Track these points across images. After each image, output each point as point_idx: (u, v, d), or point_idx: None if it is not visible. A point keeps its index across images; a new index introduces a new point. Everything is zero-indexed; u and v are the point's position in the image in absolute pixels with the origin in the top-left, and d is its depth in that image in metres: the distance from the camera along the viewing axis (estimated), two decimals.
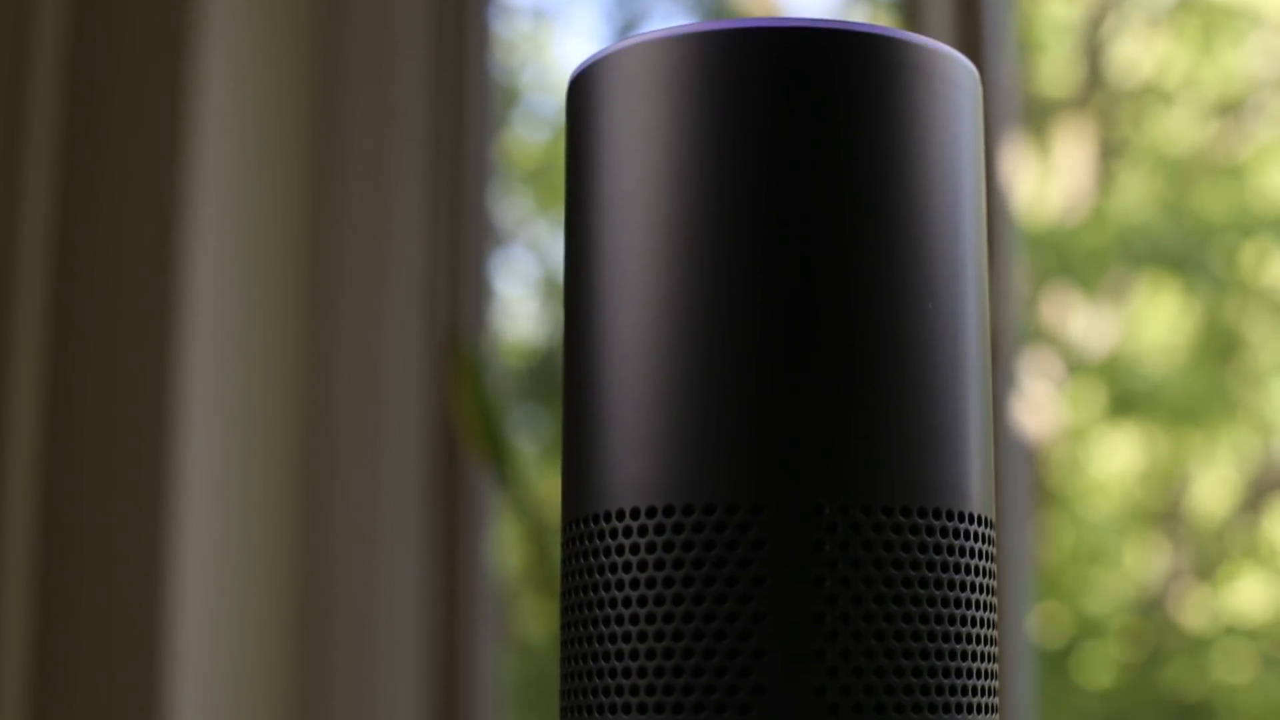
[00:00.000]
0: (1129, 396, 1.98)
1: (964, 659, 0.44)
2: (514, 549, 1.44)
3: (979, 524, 0.45)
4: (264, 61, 1.35)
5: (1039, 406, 1.83)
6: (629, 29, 1.79)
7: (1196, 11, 1.98)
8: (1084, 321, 1.98)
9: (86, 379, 1.27)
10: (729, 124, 0.44)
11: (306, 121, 1.39)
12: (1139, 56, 1.99)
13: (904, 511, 0.43)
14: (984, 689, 0.44)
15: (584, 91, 0.47)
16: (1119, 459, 1.96)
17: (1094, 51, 2.03)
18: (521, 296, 1.69)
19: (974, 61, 0.48)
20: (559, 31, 1.81)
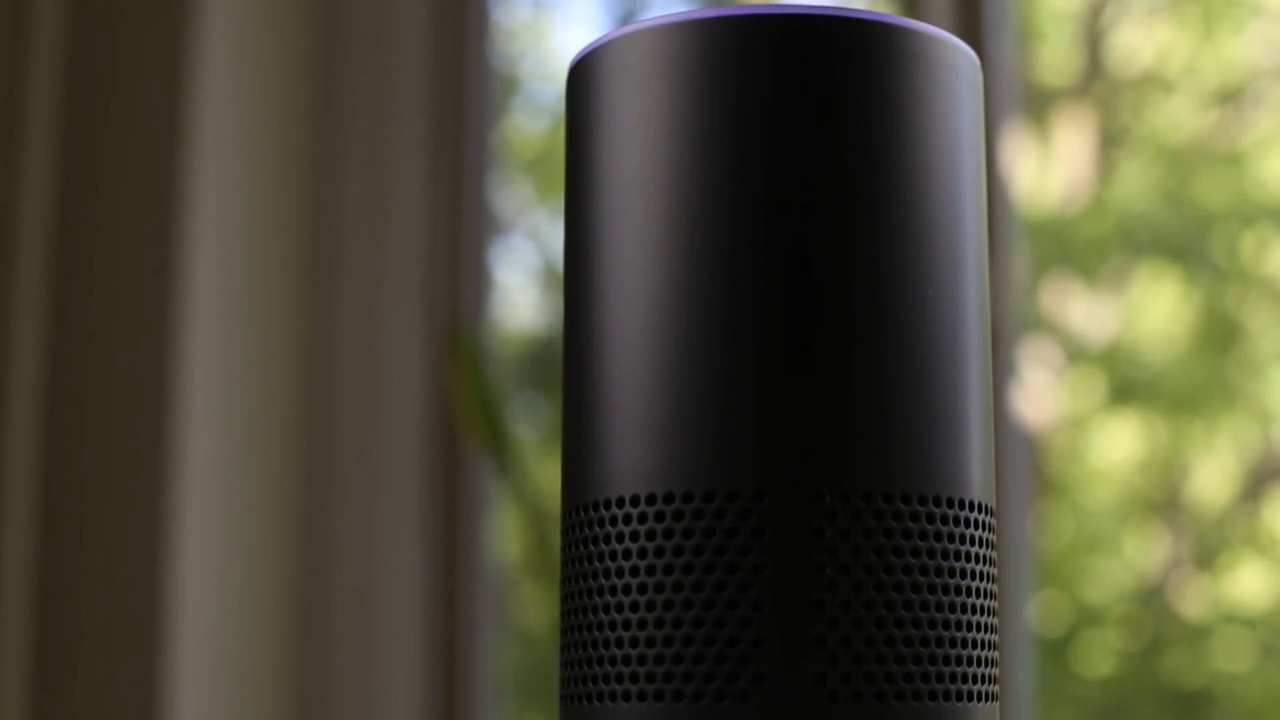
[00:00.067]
0: (1129, 385, 1.98)
1: (964, 646, 0.44)
2: (514, 537, 1.44)
3: (979, 511, 0.45)
4: (263, 50, 1.35)
5: (1039, 395, 1.83)
6: (628, 16, 1.79)
7: (1197, 0, 1.98)
8: (1084, 310, 1.98)
9: (86, 367, 1.27)
10: (729, 111, 0.44)
11: (306, 111, 1.39)
12: (1139, 45, 1.99)
13: (904, 499, 0.43)
14: (984, 676, 0.44)
15: (583, 79, 0.47)
16: (1119, 448, 1.96)
17: (1094, 40, 2.02)
18: (521, 285, 1.69)
19: (974, 49, 0.48)
20: (559, 20, 1.81)
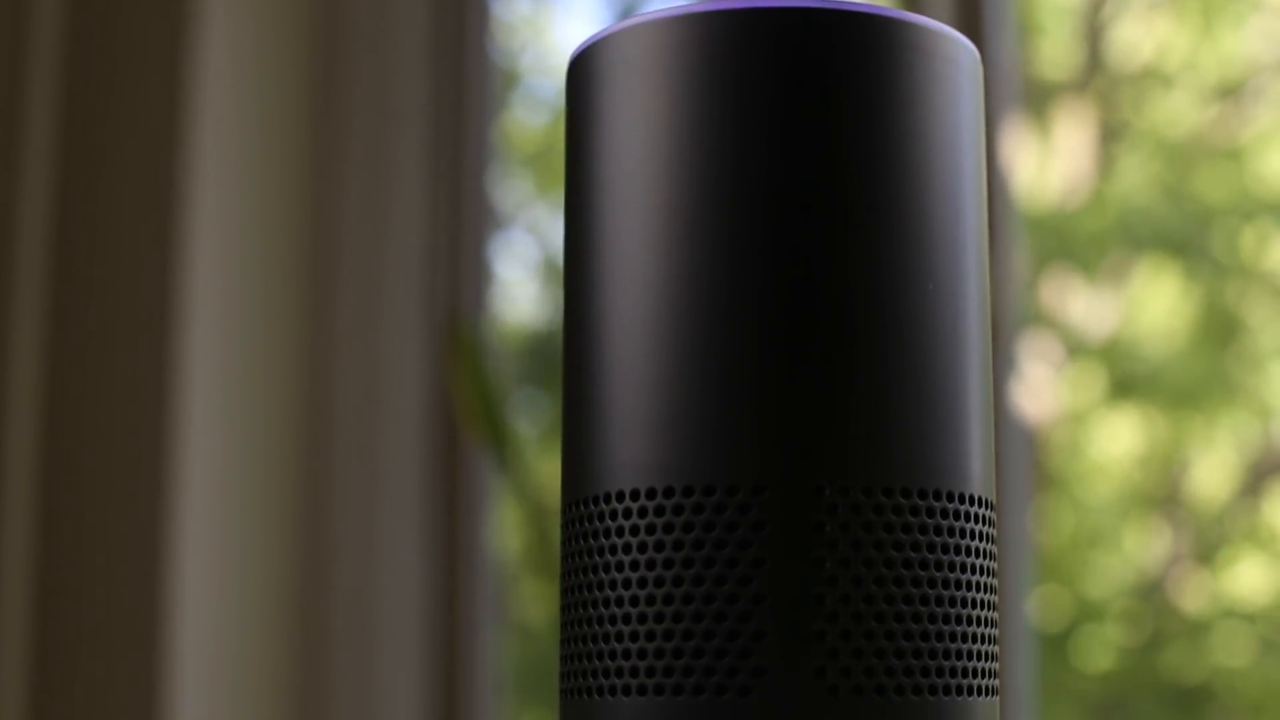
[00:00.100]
0: (1129, 380, 1.97)
1: (964, 640, 0.44)
2: (514, 532, 1.44)
3: (979, 505, 0.45)
4: (263, 46, 1.35)
5: (1039, 390, 1.83)
6: (628, 10, 1.79)
7: None
8: (1084, 305, 1.98)
9: (85, 362, 1.27)
10: (729, 105, 0.44)
11: (305, 105, 1.39)
12: (1139, 40, 1.98)
13: (904, 493, 0.43)
14: (984, 670, 0.44)
15: (583, 73, 0.47)
16: (1119, 443, 1.96)
17: (1094, 34, 2.02)
18: (521, 279, 1.69)
19: (974, 44, 0.48)
20: (558, 14, 1.81)
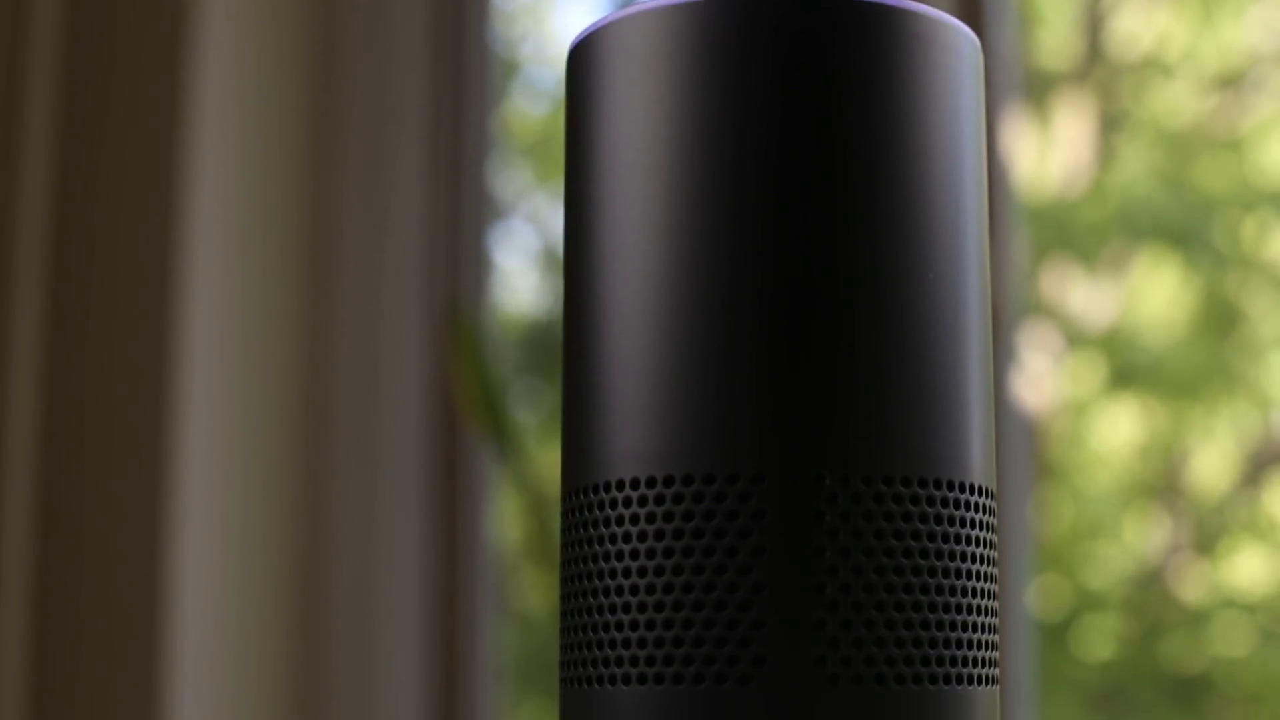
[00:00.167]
0: (1129, 370, 1.97)
1: (964, 630, 0.44)
2: (514, 522, 1.44)
3: (980, 494, 0.45)
4: (262, 34, 1.35)
5: (1039, 380, 1.83)
6: None
7: None
8: (1084, 295, 1.98)
9: (85, 341, 1.27)
10: (728, 93, 0.44)
11: (305, 94, 1.38)
12: (1139, 29, 1.98)
13: (904, 482, 0.43)
14: (984, 660, 0.44)
15: (583, 61, 0.47)
16: (1118, 433, 1.96)
17: (1094, 24, 2.02)
18: (521, 269, 1.69)
19: (974, 33, 0.48)
20: (558, 3, 1.81)
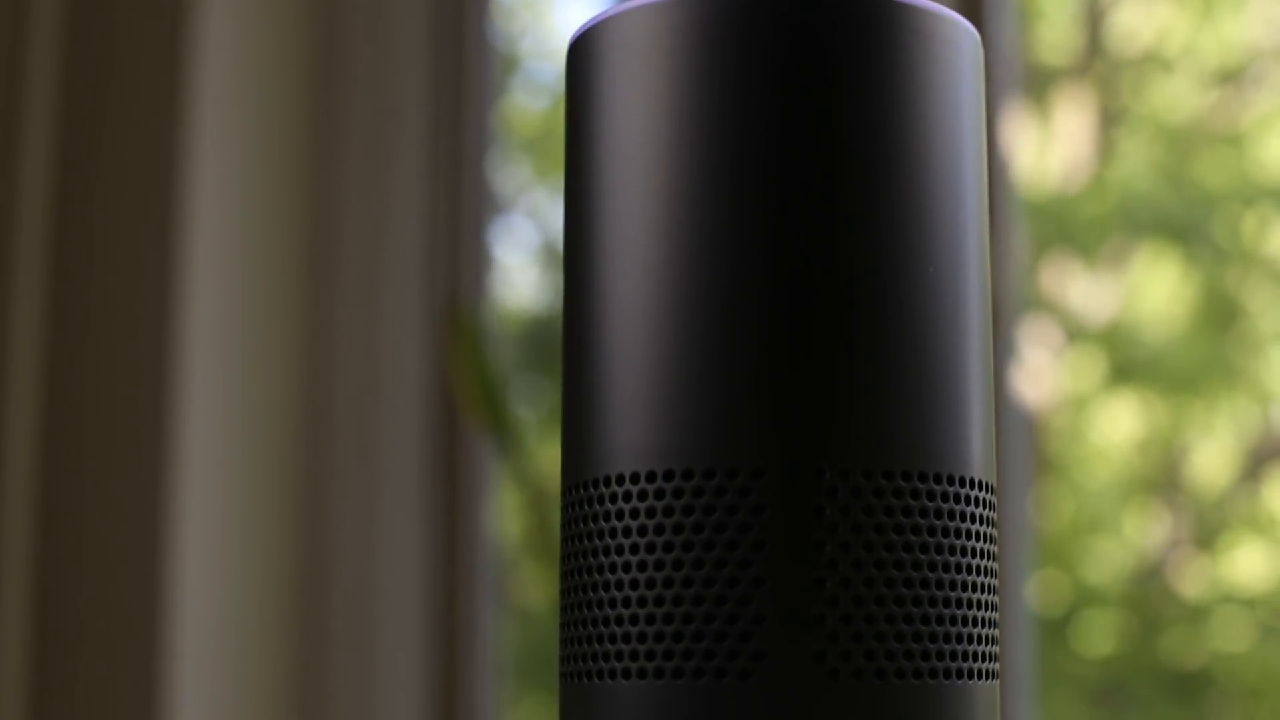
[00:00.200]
0: (1129, 365, 1.97)
1: (964, 624, 0.44)
2: (514, 517, 1.44)
3: (980, 489, 0.45)
4: (262, 29, 1.35)
5: (1038, 375, 1.83)
6: None
7: None
8: (1084, 290, 1.98)
9: (86, 338, 1.27)
10: (729, 87, 0.44)
11: (304, 90, 1.38)
12: (1139, 24, 1.98)
13: (904, 476, 0.43)
14: (984, 654, 0.44)
15: (583, 55, 0.47)
16: (1118, 428, 1.96)
17: (1094, 19, 2.02)
18: (521, 264, 1.69)
19: (975, 28, 0.48)
20: None
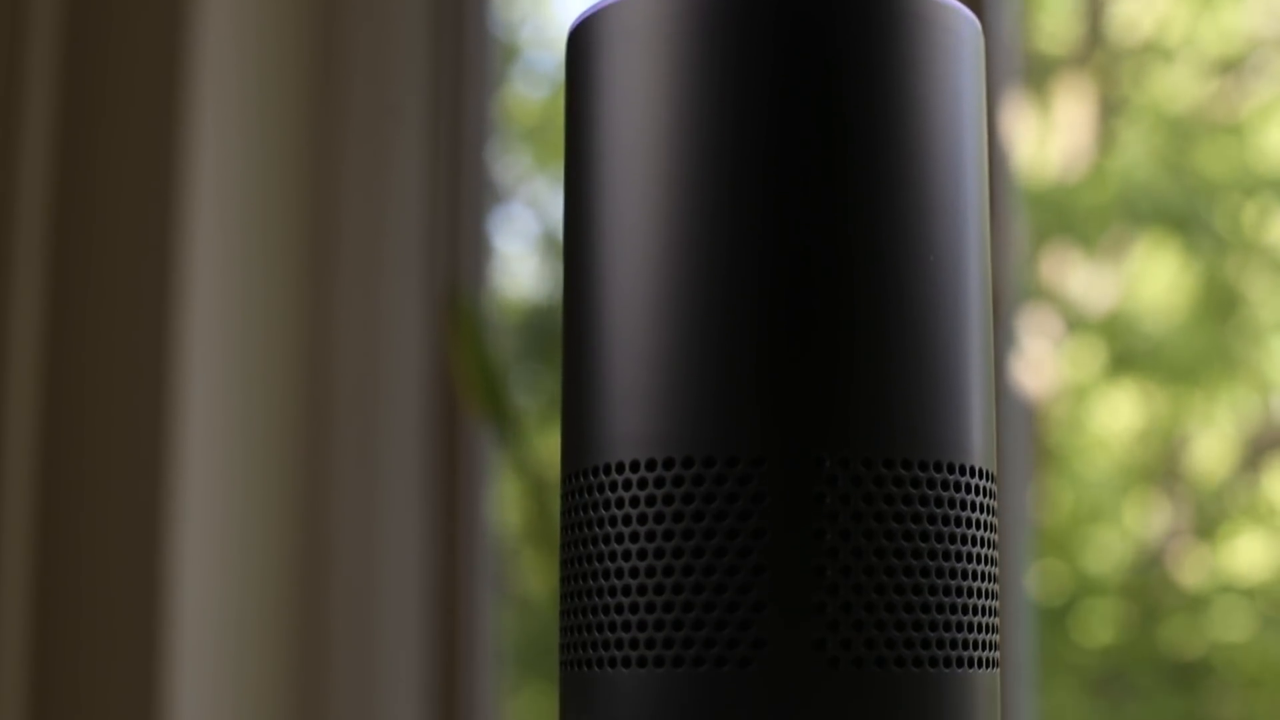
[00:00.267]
0: (1129, 355, 1.97)
1: (965, 613, 0.44)
2: (514, 506, 1.44)
3: (980, 477, 0.45)
4: (261, 16, 1.34)
5: (1038, 365, 1.83)
6: None
7: None
8: (1084, 280, 1.98)
9: (84, 328, 1.27)
10: (729, 74, 0.44)
11: (304, 78, 1.38)
12: (1140, 14, 1.98)
13: (905, 464, 0.43)
14: (985, 643, 0.44)
15: (583, 43, 0.47)
16: (1118, 417, 1.96)
17: (1095, 8, 2.02)
18: (521, 253, 1.69)
19: (975, 16, 0.47)
20: None
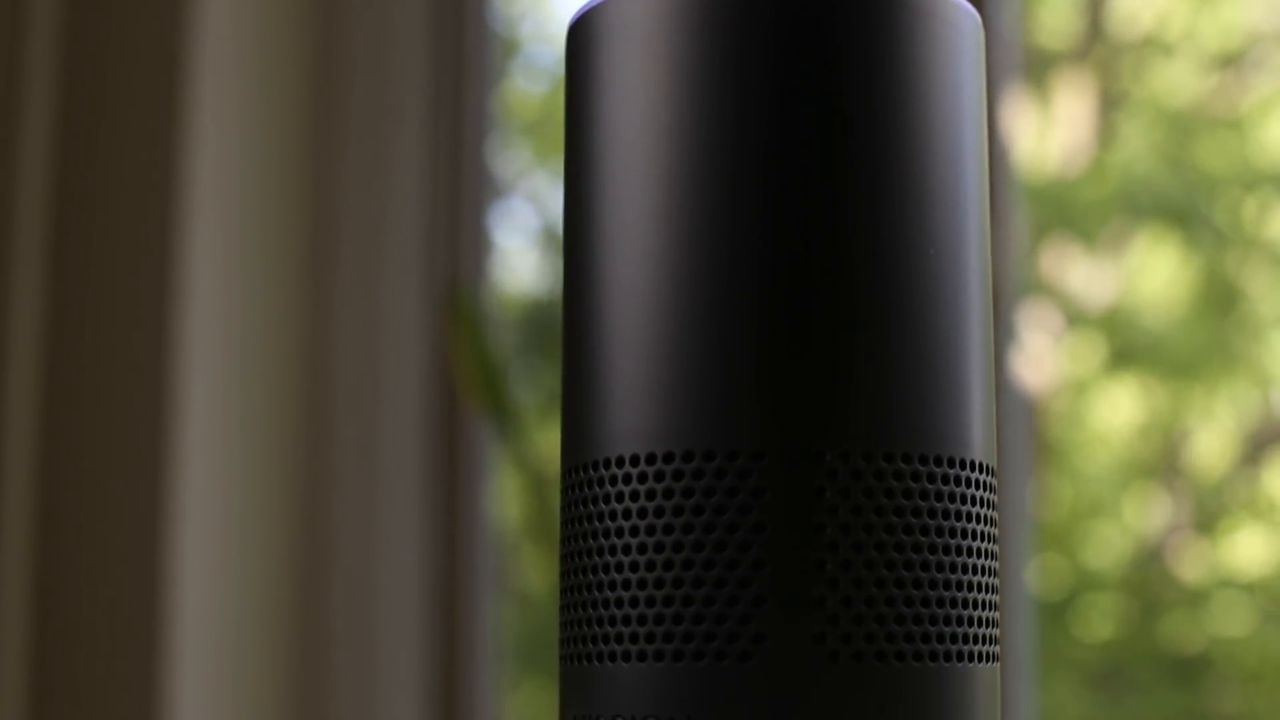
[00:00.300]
0: (1129, 349, 1.97)
1: (965, 607, 0.44)
2: (514, 501, 1.44)
3: (980, 471, 0.45)
4: (261, 13, 1.34)
5: (1038, 359, 1.83)
6: None
7: None
8: (1084, 274, 1.98)
9: (84, 325, 1.27)
10: (729, 69, 0.44)
11: (304, 73, 1.38)
12: (1140, 8, 1.98)
13: (905, 458, 0.43)
14: (985, 637, 0.44)
15: (582, 38, 0.47)
16: (1118, 412, 1.96)
17: (1095, 3, 2.02)
18: (521, 248, 1.69)
19: (976, 10, 0.47)
20: None
